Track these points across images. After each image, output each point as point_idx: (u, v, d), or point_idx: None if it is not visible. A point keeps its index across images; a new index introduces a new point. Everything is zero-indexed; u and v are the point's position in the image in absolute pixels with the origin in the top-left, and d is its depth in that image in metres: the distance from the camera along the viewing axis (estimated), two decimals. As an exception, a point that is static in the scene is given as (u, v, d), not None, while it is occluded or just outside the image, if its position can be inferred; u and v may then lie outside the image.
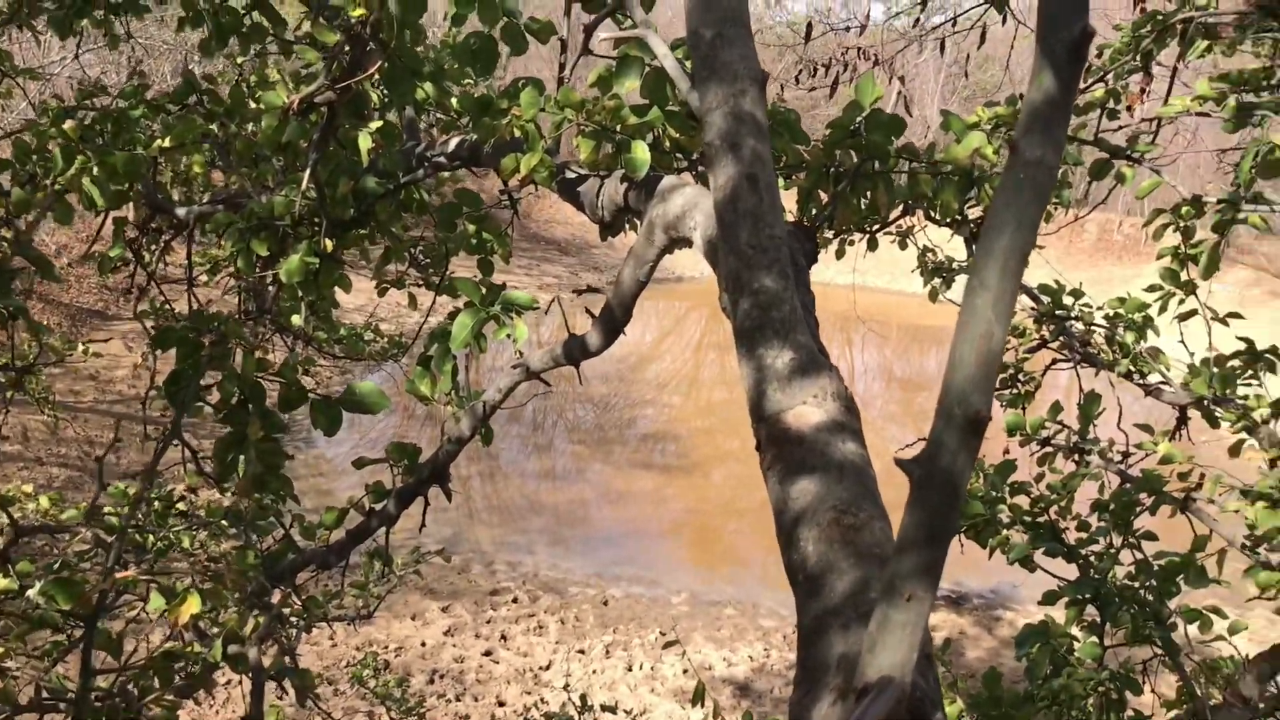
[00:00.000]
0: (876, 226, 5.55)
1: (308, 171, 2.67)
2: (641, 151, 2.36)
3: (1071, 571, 3.78)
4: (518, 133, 2.62)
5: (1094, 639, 3.62)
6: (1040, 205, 1.13)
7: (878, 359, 27.49)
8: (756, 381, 1.74)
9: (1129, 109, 3.89)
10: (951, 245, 5.69)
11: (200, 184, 4.13)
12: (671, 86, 2.40)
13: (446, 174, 3.71)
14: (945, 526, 1.18)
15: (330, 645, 10.10)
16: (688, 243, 2.29)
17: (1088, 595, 3.62)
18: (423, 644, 10.51)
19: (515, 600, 11.68)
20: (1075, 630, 3.76)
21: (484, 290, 2.90)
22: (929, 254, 5.44)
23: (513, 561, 12.83)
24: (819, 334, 2.02)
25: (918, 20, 6.80)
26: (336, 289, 3.32)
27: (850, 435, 1.70)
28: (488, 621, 11.11)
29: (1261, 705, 3.59)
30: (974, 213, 5.33)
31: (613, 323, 2.59)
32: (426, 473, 3.25)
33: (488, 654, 10.46)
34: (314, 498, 12.77)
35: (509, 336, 2.92)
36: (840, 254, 5.57)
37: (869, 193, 2.50)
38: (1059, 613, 3.82)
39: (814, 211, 2.56)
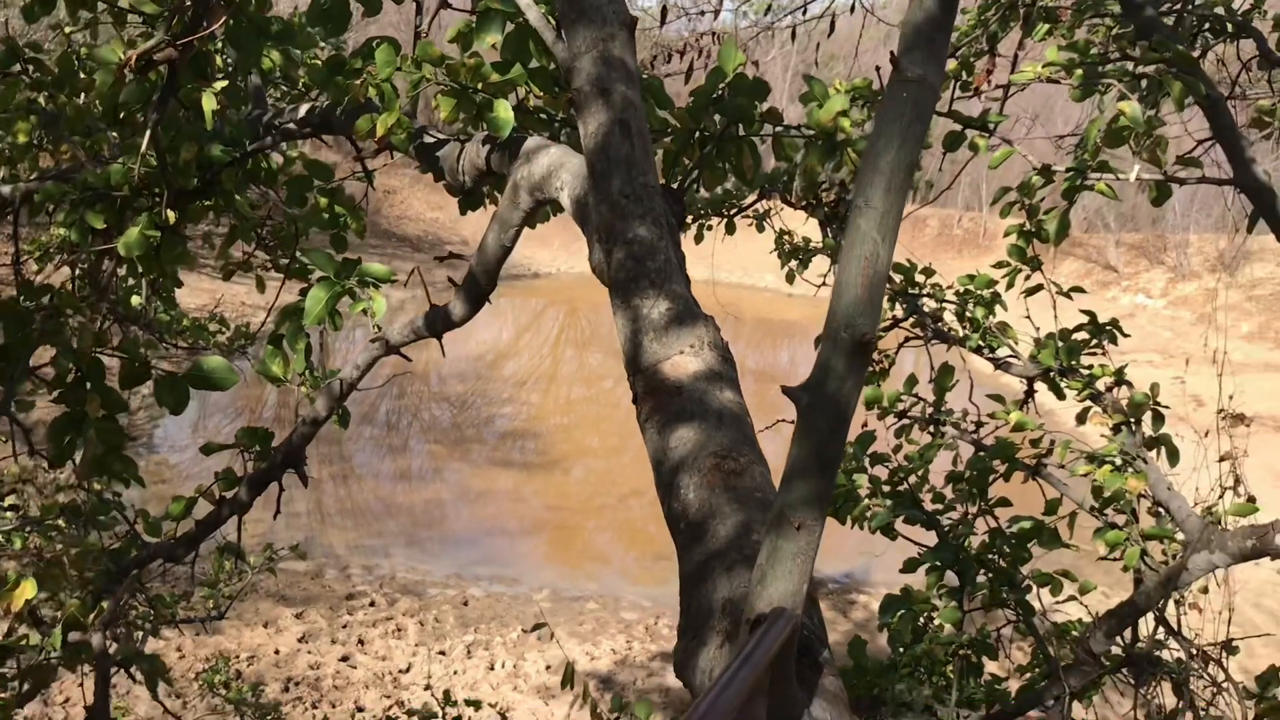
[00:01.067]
0: (734, 210, 5.63)
1: (146, 135, 2.51)
2: (505, 111, 2.29)
3: (931, 540, 3.87)
4: (373, 94, 2.51)
5: (954, 604, 3.70)
6: (924, 124, 1.12)
7: (733, 353, 27.83)
8: (633, 332, 1.70)
9: (977, 91, 4.00)
10: (807, 227, 5.80)
11: (27, 161, 3.86)
12: (536, 43, 2.34)
13: (295, 154, 3.57)
14: (834, 452, 1.17)
15: (178, 657, 9.66)
16: (555, 204, 2.23)
17: (947, 561, 3.71)
18: (276, 651, 10.15)
19: (372, 604, 11.39)
20: (936, 599, 3.85)
21: (338, 263, 2.78)
22: (786, 236, 5.51)
23: (369, 565, 12.52)
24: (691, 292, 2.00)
25: (769, 7, 6.90)
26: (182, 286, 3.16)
27: (728, 384, 1.68)
28: (344, 626, 10.81)
29: (1107, 662, 3.75)
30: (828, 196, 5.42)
31: (477, 290, 2.52)
32: (280, 457, 3.10)
33: (345, 659, 10.17)
34: (157, 505, 12.19)
35: (366, 311, 2.82)
36: (699, 238, 5.62)
37: (734, 157, 2.49)
38: (917, 581, 3.91)
39: (680, 176, 2.53)
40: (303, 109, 3.00)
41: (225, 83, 2.67)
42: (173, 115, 2.71)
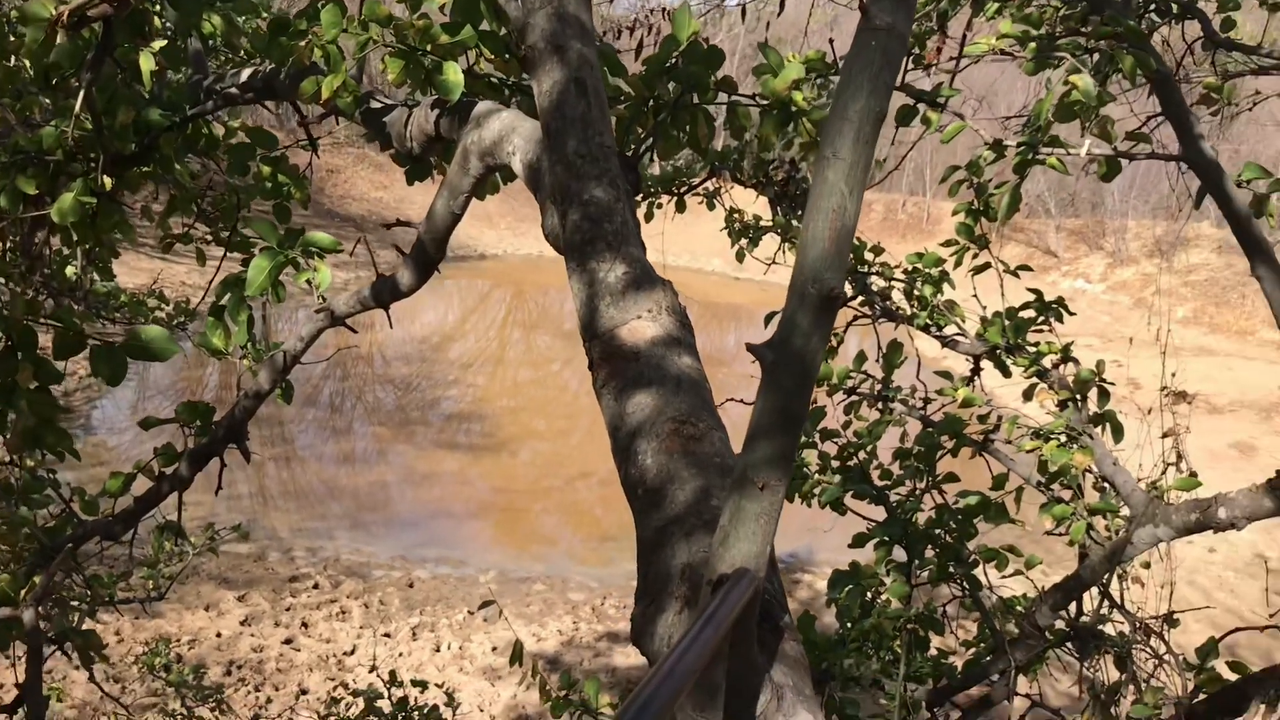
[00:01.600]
0: (685, 188, 5.60)
1: (80, 97, 2.42)
2: (454, 74, 2.24)
3: (879, 516, 3.88)
4: (318, 57, 2.44)
5: (901, 579, 3.72)
6: (892, 72, 1.09)
7: (679, 336, 27.83)
8: (589, 297, 1.66)
9: (927, 67, 4.00)
10: (757, 206, 5.79)
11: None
12: (487, 5, 2.29)
13: (237, 123, 3.47)
14: (799, 410, 1.14)
15: (116, 640, 9.48)
16: (506, 170, 2.19)
17: (895, 537, 3.72)
18: (218, 635, 10.01)
19: (316, 586, 11.27)
20: (884, 574, 3.87)
21: (282, 233, 2.71)
22: (736, 215, 5.49)
23: (312, 547, 12.39)
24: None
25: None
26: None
27: (686, 349, 1.65)
28: (287, 609, 10.68)
29: (1052, 636, 3.79)
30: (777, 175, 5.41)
31: (425, 259, 2.47)
32: (222, 431, 3.03)
33: (288, 642, 10.05)
34: (95, 488, 11.94)
35: (310, 282, 2.75)
36: (649, 216, 5.58)
37: (689, 125, 2.46)
38: (865, 557, 3.92)
39: (634, 145, 2.50)
40: (245, 73, 2.92)
41: (164, 43, 2.58)
42: (108, 77, 2.62)
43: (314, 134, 3.11)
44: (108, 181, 2.69)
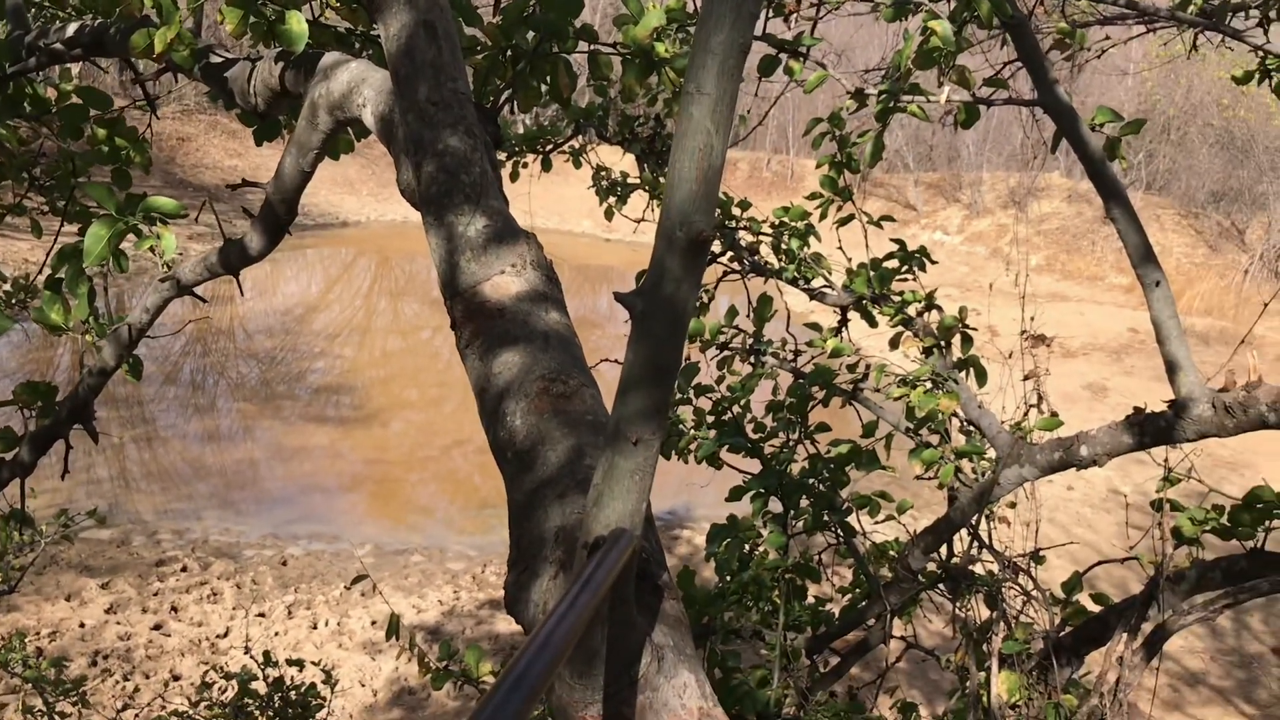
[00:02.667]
0: (549, 146, 5.50)
1: (-117, 53, 2.21)
2: (298, 23, 2.11)
3: (755, 469, 3.90)
4: (149, 8, 2.28)
5: (778, 529, 3.74)
6: (756, 2, 1.04)
7: (550, 300, 27.67)
8: (448, 253, 1.58)
9: (787, 17, 3.99)
10: (624, 163, 5.73)
11: None
12: (329, -52, 2.16)
13: (69, 84, 3.25)
14: (671, 360, 1.09)
15: (-34, 638, 9.00)
16: (358, 123, 2.07)
17: (770, 488, 3.74)
18: (81, 625, 9.60)
19: (184, 569, 10.90)
20: (760, 526, 3.88)
21: (120, 198, 2.54)
22: (602, 173, 5.42)
23: (179, 529, 11.97)
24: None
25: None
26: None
27: (553, 305, 1.59)
28: (155, 594, 10.31)
29: (925, 578, 3.87)
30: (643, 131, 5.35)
31: (275, 221, 2.34)
32: (65, 412, 2.84)
33: (157, 628, 9.71)
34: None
35: (153, 249, 2.59)
36: (514, 176, 5.47)
37: (549, 75, 2.38)
38: (742, 510, 3.93)
39: (492, 96, 2.41)
40: (71, 28, 2.72)
41: (-26, -7, 2.38)
42: (-86, 31, 2.40)
43: (154, 94, 2.92)
44: (-80, 147, 2.48)
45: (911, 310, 4.12)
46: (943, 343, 4.03)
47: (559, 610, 0.94)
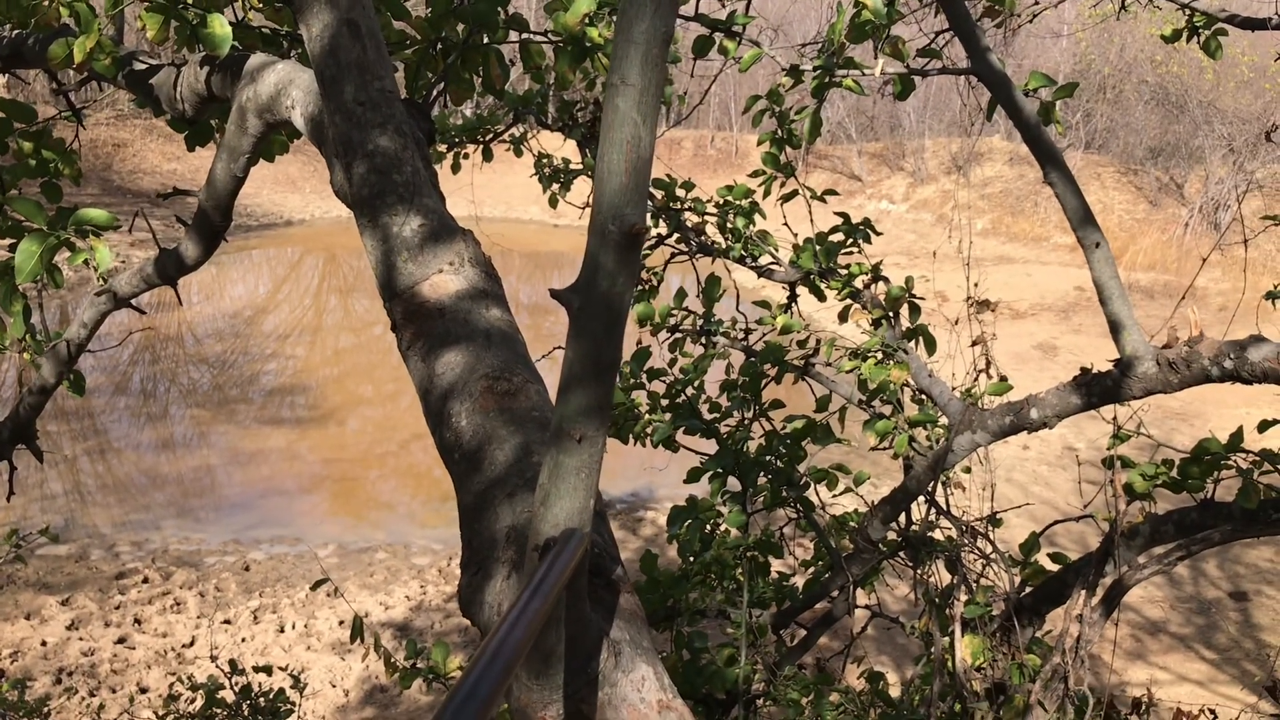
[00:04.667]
0: (490, 135, 5.46)
1: None
2: (220, 26, 2.07)
3: (711, 449, 3.91)
4: (66, 17, 2.23)
5: (738, 508, 3.76)
6: (676, -11, 1.03)
7: (505, 288, 27.55)
8: (385, 254, 1.56)
9: (721, -5, 3.98)
10: (565, 149, 5.70)
11: None
12: (248, -52, 2.12)
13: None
14: (611, 356, 1.08)
15: (-76, 664, 8.85)
16: (288, 126, 2.04)
17: (727, 467, 3.75)
18: (43, 643, 9.46)
19: (146, 580, 10.76)
20: (720, 505, 3.90)
21: (50, 212, 2.49)
22: (545, 160, 5.39)
23: (138, 540, 11.80)
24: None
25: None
26: None
27: (494, 301, 1.57)
28: (117, 607, 10.17)
29: (885, 548, 3.91)
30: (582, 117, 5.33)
31: (209, 228, 2.30)
32: (7, 433, 2.79)
33: (121, 641, 9.58)
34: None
35: (88, 263, 2.54)
36: (456, 168, 5.42)
37: (481, 67, 2.35)
38: (701, 490, 3.94)
39: (424, 91, 2.38)
40: (-13, 39, 2.65)
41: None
42: None
43: (82, 103, 2.86)
44: None
45: (859, 283, 4.14)
46: (891, 314, 4.05)
47: (510, 617, 0.93)
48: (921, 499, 3.80)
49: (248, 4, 2.21)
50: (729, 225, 4.71)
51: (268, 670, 5.85)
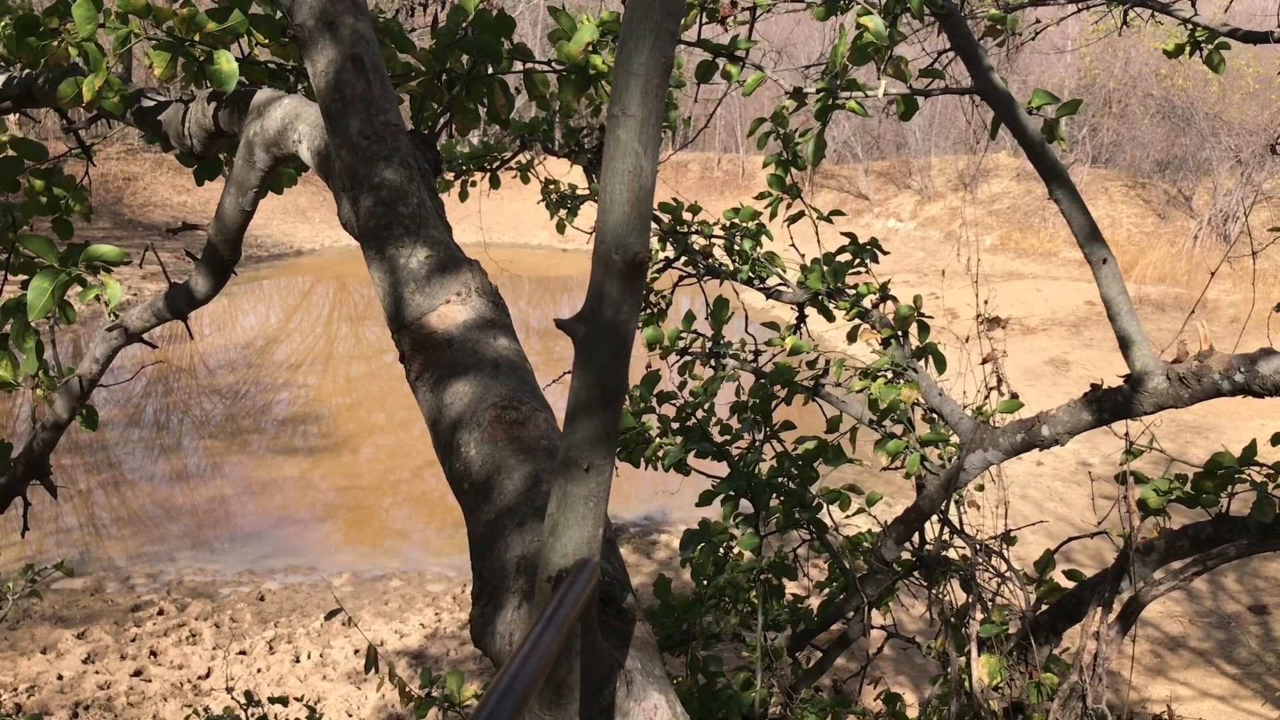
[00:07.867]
0: (496, 163, 5.49)
1: None
2: (227, 62, 2.09)
3: (723, 472, 3.91)
4: (75, 56, 2.25)
5: (750, 530, 3.75)
6: (675, 19, 1.04)
7: (515, 313, 27.66)
8: (392, 285, 1.57)
9: (722, 21, 4.00)
10: (572, 175, 5.72)
11: None
12: (253, -15, 2.14)
13: (3, 135, 3.20)
14: (617, 384, 1.09)
15: (-60, 701, 8.86)
16: (295, 160, 2.06)
17: (739, 490, 3.74)
18: (59, 677, 9.46)
19: (161, 612, 10.76)
20: (733, 528, 3.89)
21: (61, 248, 2.51)
22: (552, 186, 5.42)
23: (153, 572, 11.81)
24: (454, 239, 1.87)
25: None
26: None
27: (501, 330, 1.58)
28: (132, 640, 10.17)
29: (900, 568, 3.89)
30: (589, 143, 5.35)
31: (219, 263, 2.31)
32: (21, 469, 2.80)
33: (137, 674, 9.58)
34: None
35: (99, 298, 2.56)
36: (464, 196, 5.45)
37: (486, 97, 2.37)
38: (714, 513, 3.94)
39: (430, 122, 2.39)
40: (-2, 79, 2.68)
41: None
42: None
43: (92, 139, 2.88)
44: None
45: (867, 303, 4.14)
46: (900, 333, 4.05)
47: (524, 650, 0.93)
48: (935, 518, 3.79)
49: (254, 40, 2.23)
50: (736, 247, 4.72)
51: (284, 701, 5.84)
